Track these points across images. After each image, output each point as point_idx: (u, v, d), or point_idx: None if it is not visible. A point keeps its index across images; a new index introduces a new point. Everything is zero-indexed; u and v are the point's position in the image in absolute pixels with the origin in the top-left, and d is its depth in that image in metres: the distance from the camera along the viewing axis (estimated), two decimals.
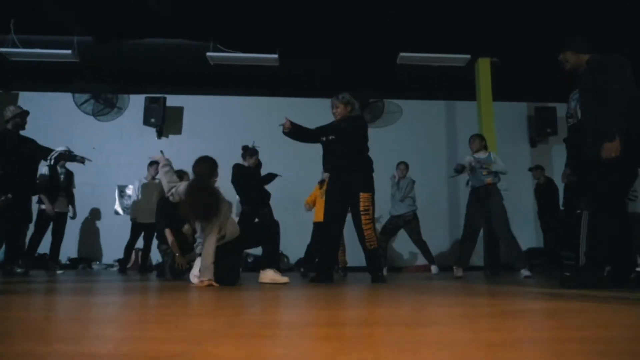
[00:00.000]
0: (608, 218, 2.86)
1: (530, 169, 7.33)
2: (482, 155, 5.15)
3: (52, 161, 4.98)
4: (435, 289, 2.87)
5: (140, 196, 6.53)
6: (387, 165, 8.26)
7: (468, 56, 7.17)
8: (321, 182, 5.96)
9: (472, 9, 6.32)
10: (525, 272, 4.68)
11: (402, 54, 7.07)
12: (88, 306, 1.76)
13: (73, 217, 6.14)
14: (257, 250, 8.26)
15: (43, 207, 5.69)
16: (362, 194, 3.88)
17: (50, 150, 5.00)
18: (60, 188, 5.78)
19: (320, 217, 5.67)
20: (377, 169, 4.59)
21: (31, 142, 5.05)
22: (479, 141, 5.24)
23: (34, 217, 5.91)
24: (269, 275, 3.48)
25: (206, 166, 3.39)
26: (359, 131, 4.04)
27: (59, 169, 5.84)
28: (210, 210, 3.13)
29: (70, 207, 5.98)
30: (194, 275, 3.33)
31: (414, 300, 2.00)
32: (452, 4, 6.24)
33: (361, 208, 3.85)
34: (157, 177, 6.67)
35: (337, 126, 4.11)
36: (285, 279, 3.44)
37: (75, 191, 6.45)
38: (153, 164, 6.67)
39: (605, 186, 2.88)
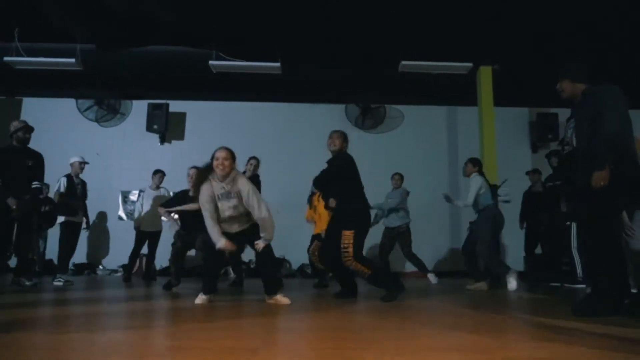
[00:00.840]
0: (603, 245, 2.91)
1: (527, 173, 7.32)
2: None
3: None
4: (435, 317, 2.93)
5: (144, 206, 6.59)
6: (388, 170, 8.25)
7: (470, 64, 7.18)
8: (310, 197, 5.92)
9: (473, 18, 6.33)
10: (512, 284, 4.82)
11: (403, 62, 7.08)
12: (89, 352, 1.82)
13: (87, 229, 6.22)
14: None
15: (63, 219, 5.76)
16: (343, 232, 3.82)
17: (41, 177, 5.17)
18: (78, 198, 5.85)
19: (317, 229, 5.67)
20: (378, 174, 4.62)
21: (38, 158, 5.09)
22: (470, 166, 5.43)
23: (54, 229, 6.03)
24: (272, 297, 3.55)
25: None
26: (332, 170, 4.04)
27: (75, 180, 5.90)
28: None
29: (84, 218, 6.06)
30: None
31: (412, 341, 2.06)
32: (453, 13, 6.25)
33: (342, 245, 3.82)
34: (162, 185, 6.71)
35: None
36: (286, 301, 3.49)
37: (98, 200, 6.54)
38: (157, 172, 6.71)
39: (597, 213, 2.93)
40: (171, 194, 6.47)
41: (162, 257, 8.15)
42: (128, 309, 3.29)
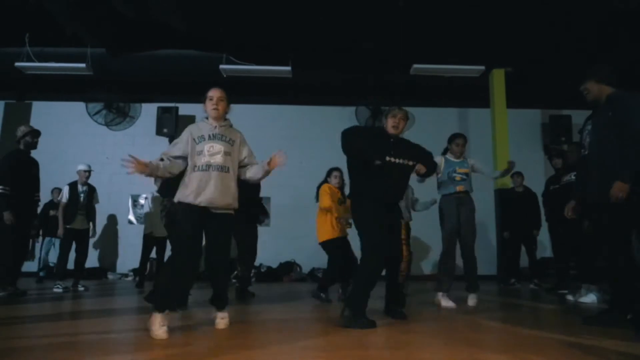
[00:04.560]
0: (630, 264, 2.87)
1: (512, 175, 7.19)
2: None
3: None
4: (439, 332, 2.86)
5: (152, 209, 6.58)
6: None
7: (482, 67, 7.10)
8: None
9: (486, 21, 6.25)
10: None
11: (415, 66, 7.01)
12: None
13: (92, 236, 6.13)
14: (271, 261, 8.28)
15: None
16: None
17: (39, 186, 5.11)
18: (79, 207, 5.83)
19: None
20: None
21: (38, 166, 5.09)
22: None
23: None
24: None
25: None
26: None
27: (79, 187, 5.90)
28: None
29: (90, 224, 6.02)
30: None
31: None
32: (466, 16, 6.18)
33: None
34: None
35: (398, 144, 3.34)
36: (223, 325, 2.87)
37: (108, 204, 6.49)
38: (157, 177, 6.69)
39: (616, 232, 2.90)
40: None
41: None
42: (136, 334, 3.22)
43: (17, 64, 6.91)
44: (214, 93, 2.97)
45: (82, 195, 5.87)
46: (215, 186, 2.78)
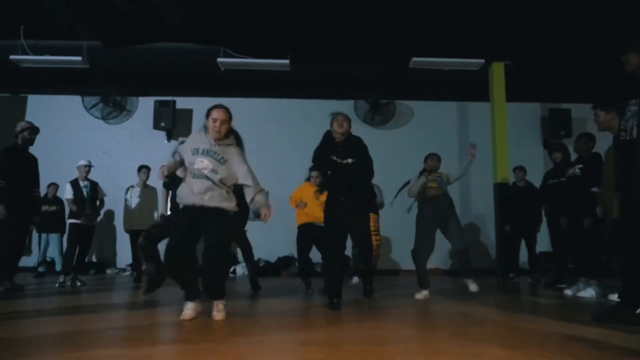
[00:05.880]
0: None
1: (514, 169, 7.13)
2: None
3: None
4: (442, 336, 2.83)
5: (133, 204, 6.54)
6: (397, 166, 8.21)
7: (482, 61, 7.06)
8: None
9: (485, 14, 6.20)
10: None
11: (414, 59, 6.97)
12: None
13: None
14: (269, 255, 8.26)
15: (71, 221, 5.81)
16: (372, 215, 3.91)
17: (38, 183, 5.11)
18: (85, 202, 5.81)
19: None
20: (388, 170, 4.56)
21: (36, 162, 5.07)
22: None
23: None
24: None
25: None
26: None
27: (81, 183, 5.87)
28: None
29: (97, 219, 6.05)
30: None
31: None
32: (465, 9, 6.13)
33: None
34: (148, 182, 6.59)
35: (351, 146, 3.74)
36: (221, 316, 2.95)
37: (105, 199, 6.38)
38: (142, 168, 6.61)
39: None
40: (159, 189, 6.26)
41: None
42: (133, 328, 3.19)
43: (11, 57, 6.83)
44: (218, 115, 2.95)
45: (84, 190, 5.86)
46: (204, 192, 2.89)
